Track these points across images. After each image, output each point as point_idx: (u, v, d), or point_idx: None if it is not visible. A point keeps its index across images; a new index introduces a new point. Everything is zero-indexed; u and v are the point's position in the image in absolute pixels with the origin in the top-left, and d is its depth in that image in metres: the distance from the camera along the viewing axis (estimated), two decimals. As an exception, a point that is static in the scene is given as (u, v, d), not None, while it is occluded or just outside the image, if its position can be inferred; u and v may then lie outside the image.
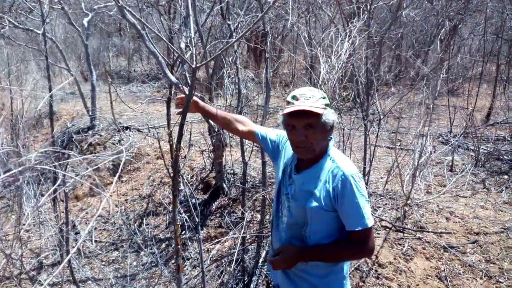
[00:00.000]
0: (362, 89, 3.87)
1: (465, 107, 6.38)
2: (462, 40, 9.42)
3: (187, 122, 5.11)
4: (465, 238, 3.30)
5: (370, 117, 3.95)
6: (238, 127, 2.06)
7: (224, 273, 3.45)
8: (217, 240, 3.75)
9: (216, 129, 3.87)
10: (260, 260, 3.32)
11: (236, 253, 3.28)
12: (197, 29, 2.20)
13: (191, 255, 3.82)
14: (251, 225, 3.71)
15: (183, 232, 4.00)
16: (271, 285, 3.11)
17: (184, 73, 2.67)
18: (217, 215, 4.14)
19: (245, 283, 3.30)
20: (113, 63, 11.80)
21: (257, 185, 4.15)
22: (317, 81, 3.35)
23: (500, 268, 2.98)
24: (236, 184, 4.35)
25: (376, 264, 3.02)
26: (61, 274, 3.52)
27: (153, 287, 3.59)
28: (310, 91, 1.66)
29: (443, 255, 3.11)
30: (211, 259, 3.64)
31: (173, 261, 3.78)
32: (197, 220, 2.49)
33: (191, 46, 1.96)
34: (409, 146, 4.91)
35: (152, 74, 10.52)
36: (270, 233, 1.94)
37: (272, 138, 1.96)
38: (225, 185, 4.33)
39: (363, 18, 3.89)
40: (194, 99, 2.03)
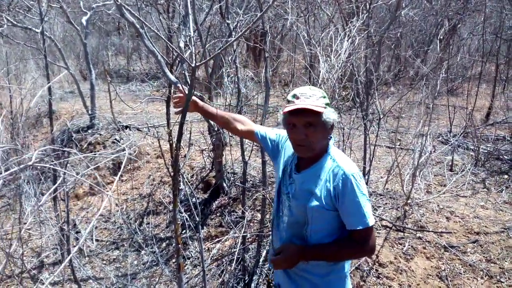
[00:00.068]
0: (361, 89, 3.87)
1: (465, 106, 6.38)
2: (461, 40, 9.41)
3: (187, 121, 5.10)
4: (465, 237, 3.31)
5: (369, 116, 3.95)
6: (237, 127, 2.05)
7: (224, 272, 3.45)
8: (217, 239, 3.75)
9: (216, 129, 3.87)
10: (260, 259, 3.32)
11: (236, 252, 3.28)
12: (196, 28, 2.19)
13: (191, 254, 3.83)
14: (251, 224, 3.71)
15: (184, 231, 4.00)
16: (271, 284, 3.11)
17: (183, 72, 2.66)
18: (217, 214, 4.14)
19: (246, 282, 3.30)
20: (112, 62, 11.78)
21: (257, 184, 4.15)
22: (316, 80, 3.35)
23: (500, 267, 2.98)
24: (236, 183, 4.35)
25: (376, 263, 3.02)
26: (62, 273, 3.52)
27: (154, 286, 3.59)
28: (310, 90, 1.67)
29: (443, 254, 3.12)
30: (211, 258, 3.64)
31: (174, 260, 3.78)
32: (198, 219, 2.49)
33: (190, 45, 1.96)
34: (409, 145, 4.91)
35: (151, 73, 10.50)
36: (270, 232, 1.94)
37: (271, 137, 1.96)
38: (225, 184, 4.33)
39: (362, 17, 3.89)
40: (193, 99, 2.03)
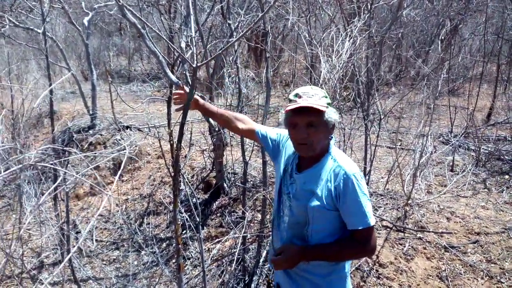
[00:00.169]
0: (362, 89, 3.87)
1: (466, 107, 6.37)
2: (462, 40, 9.40)
3: (187, 121, 5.10)
4: (466, 238, 3.30)
5: (370, 117, 3.95)
6: (238, 126, 2.05)
7: (225, 273, 3.45)
8: (217, 239, 3.75)
9: (216, 129, 3.87)
10: (261, 259, 3.32)
11: (237, 253, 3.28)
12: (197, 28, 2.19)
13: (191, 255, 3.82)
14: (251, 224, 3.71)
15: (184, 231, 4.00)
16: (271, 285, 3.11)
17: (184, 72, 2.67)
18: (217, 215, 4.14)
19: (246, 282, 3.30)
20: (114, 63, 11.79)
21: (258, 184, 4.15)
22: (317, 80, 3.35)
23: (501, 268, 2.98)
24: (236, 183, 4.35)
25: (377, 264, 3.02)
26: (62, 273, 3.53)
27: (154, 286, 3.59)
28: (312, 89, 1.67)
29: (444, 255, 3.11)
30: (212, 259, 3.64)
31: (174, 261, 3.78)
32: (198, 219, 2.49)
33: (191, 45, 1.96)
34: (409, 146, 4.90)
35: (152, 73, 10.51)
36: (271, 232, 1.93)
37: (272, 137, 1.95)
38: (225, 185, 4.33)
39: (363, 18, 3.89)
40: (194, 97, 2.03)
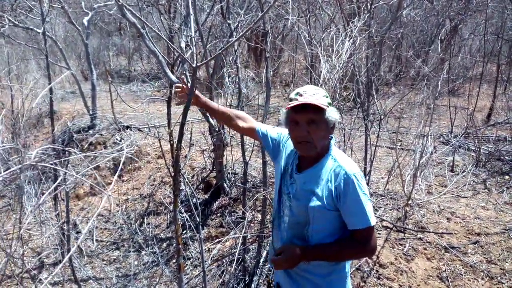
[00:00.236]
0: (362, 89, 3.87)
1: (466, 107, 6.37)
2: (462, 40, 9.41)
3: (187, 121, 5.10)
4: (466, 238, 3.30)
5: (370, 117, 3.95)
6: (238, 124, 2.05)
7: (225, 273, 3.44)
8: (218, 239, 3.75)
9: (216, 129, 3.87)
10: (261, 260, 3.31)
11: (237, 253, 3.28)
12: (197, 28, 2.19)
13: (192, 255, 3.82)
14: (252, 224, 3.71)
15: (184, 231, 4.00)
16: (272, 285, 3.11)
17: (184, 72, 2.67)
18: (218, 215, 4.14)
19: (246, 283, 3.30)
20: (113, 62, 11.79)
21: (258, 185, 4.15)
22: (317, 80, 3.35)
23: (501, 268, 2.98)
24: (236, 183, 4.35)
25: (377, 264, 3.02)
26: (62, 273, 3.52)
27: (154, 286, 3.59)
28: (313, 88, 1.67)
29: (444, 255, 3.11)
30: (212, 259, 3.64)
31: (174, 261, 3.77)
32: (198, 219, 2.49)
33: (191, 45, 1.97)
34: (409, 146, 4.91)
35: (152, 73, 10.51)
36: (271, 232, 1.93)
37: (272, 136, 1.95)
38: (225, 185, 4.33)
39: (363, 18, 3.88)
40: (195, 93, 2.03)
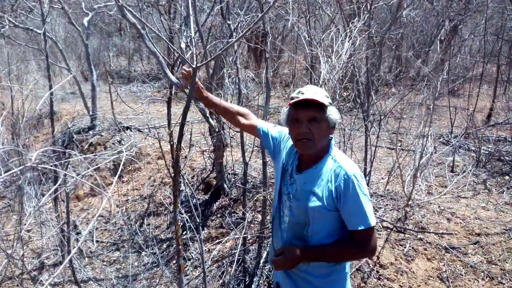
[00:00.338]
0: (362, 90, 3.87)
1: (466, 107, 6.38)
2: (462, 40, 9.41)
3: (187, 122, 5.10)
4: (466, 239, 3.30)
5: (370, 117, 3.95)
6: (240, 120, 2.05)
7: (225, 274, 3.44)
8: (218, 240, 3.74)
9: (216, 130, 3.87)
10: (261, 260, 3.31)
11: (237, 254, 3.27)
12: (197, 29, 2.19)
13: (192, 256, 3.82)
14: (252, 225, 3.71)
15: (184, 232, 3.99)
16: (272, 286, 3.11)
17: (183, 72, 2.66)
18: (218, 216, 4.14)
19: (246, 283, 3.29)
20: (114, 63, 11.80)
21: (258, 185, 4.15)
22: (317, 81, 3.35)
23: (502, 269, 2.97)
24: (237, 184, 4.35)
25: (377, 265, 3.02)
26: (62, 274, 3.52)
27: (154, 287, 3.59)
28: (314, 88, 1.69)
29: (444, 256, 3.11)
30: (212, 260, 3.64)
31: (174, 262, 3.77)
32: (198, 220, 2.49)
33: (191, 46, 1.97)
34: (410, 146, 4.90)
35: (152, 74, 10.52)
36: (271, 233, 1.93)
37: (273, 134, 1.95)
38: (226, 186, 4.33)
39: (363, 18, 3.89)
40: (199, 86, 2.04)
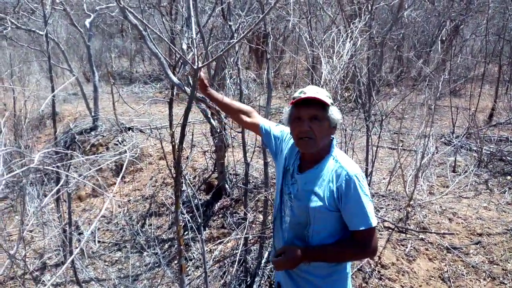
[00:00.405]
0: (364, 90, 3.87)
1: (468, 107, 6.37)
2: (464, 40, 9.40)
3: (189, 123, 5.10)
4: (468, 239, 3.30)
5: (372, 117, 3.95)
6: (243, 118, 2.06)
7: (226, 274, 3.45)
8: (219, 240, 3.75)
9: (218, 130, 3.87)
10: (262, 260, 3.31)
11: (238, 254, 3.28)
12: (198, 30, 2.20)
13: (193, 256, 3.83)
14: (253, 225, 3.71)
15: (186, 232, 4.00)
16: (273, 286, 3.11)
17: (186, 73, 2.68)
18: (219, 216, 4.15)
19: (248, 284, 3.30)
20: (115, 64, 11.83)
21: (259, 185, 4.15)
22: (319, 81, 3.35)
23: (503, 269, 2.97)
24: (238, 184, 4.35)
25: (379, 265, 3.02)
26: (64, 274, 3.53)
27: (156, 287, 3.59)
28: (316, 88, 1.70)
29: (446, 256, 3.11)
30: (213, 260, 3.64)
31: (176, 262, 3.78)
32: (200, 220, 2.50)
33: (192, 47, 1.97)
34: (411, 146, 4.90)
35: (154, 75, 10.55)
36: (272, 233, 1.93)
37: (275, 133, 1.95)
38: (227, 186, 4.33)
39: (364, 18, 3.89)
40: (204, 81, 2.06)
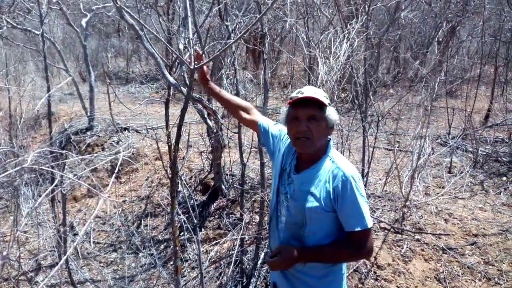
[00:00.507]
0: (360, 91, 3.88)
1: (464, 109, 6.39)
2: (460, 42, 9.44)
3: (185, 123, 5.10)
4: (463, 239, 3.31)
5: (368, 118, 3.96)
6: (242, 115, 2.06)
7: (222, 275, 3.44)
8: (215, 241, 3.74)
9: (214, 131, 3.86)
10: (258, 261, 3.31)
11: (234, 255, 3.27)
12: (195, 30, 2.20)
13: (189, 257, 3.81)
14: (249, 226, 3.70)
15: (182, 233, 3.99)
16: (269, 287, 3.11)
17: (182, 74, 2.67)
18: (215, 217, 4.14)
19: (244, 284, 3.29)
20: (112, 64, 11.79)
21: (256, 186, 4.14)
22: (315, 82, 3.35)
23: (499, 270, 2.98)
24: (234, 185, 4.34)
25: (374, 265, 3.02)
26: (59, 275, 3.51)
27: (151, 288, 3.58)
28: (313, 88, 1.70)
29: (441, 256, 3.11)
30: (209, 261, 3.63)
31: (172, 263, 3.77)
32: (196, 221, 2.49)
33: (189, 47, 1.97)
34: (407, 147, 4.90)
35: (150, 75, 10.51)
36: (268, 234, 1.93)
37: (273, 132, 1.95)
38: (223, 187, 4.32)
39: (361, 19, 3.90)
40: (206, 76, 2.05)
